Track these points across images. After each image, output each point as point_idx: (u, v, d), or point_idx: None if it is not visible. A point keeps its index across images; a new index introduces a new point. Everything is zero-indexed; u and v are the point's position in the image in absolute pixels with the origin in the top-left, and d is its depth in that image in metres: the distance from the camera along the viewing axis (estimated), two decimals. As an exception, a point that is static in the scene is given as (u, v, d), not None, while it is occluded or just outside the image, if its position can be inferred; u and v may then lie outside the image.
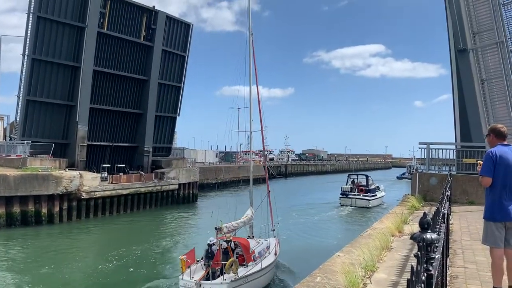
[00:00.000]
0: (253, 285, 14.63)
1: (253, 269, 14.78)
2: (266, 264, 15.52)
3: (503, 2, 22.57)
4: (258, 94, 21.62)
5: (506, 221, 5.24)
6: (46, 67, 32.89)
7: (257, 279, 14.90)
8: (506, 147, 5.43)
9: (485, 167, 5.39)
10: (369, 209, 39.27)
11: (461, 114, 22.53)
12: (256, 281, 14.80)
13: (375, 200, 41.94)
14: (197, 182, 44.20)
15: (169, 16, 41.37)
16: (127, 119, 39.70)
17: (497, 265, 5.27)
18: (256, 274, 14.74)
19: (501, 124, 5.85)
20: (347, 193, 42.12)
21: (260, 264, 15.17)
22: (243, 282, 14.02)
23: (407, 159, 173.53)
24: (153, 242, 24.41)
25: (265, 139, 22.58)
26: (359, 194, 41.47)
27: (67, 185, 29.17)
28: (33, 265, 19.40)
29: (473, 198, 16.64)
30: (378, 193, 43.68)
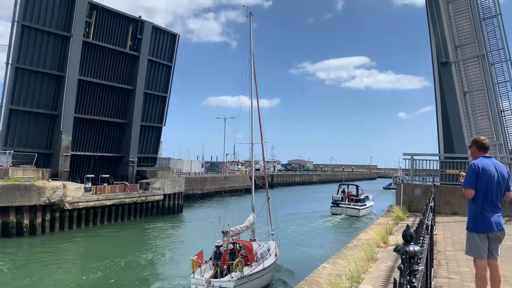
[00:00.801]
0: (256, 283, 16.28)
1: (257, 268, 16.48)
2: (268, 264, 17.15)
3: (483, 17, 23.15)
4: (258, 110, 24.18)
5: (488, 232, 5.31)
6: (30, 76, 32.52)
7: (260, 278, 16.57)
8: (488, 159, 5.52)
9: (468, 179, 5.47)
10: (359, 218, 40.28)
11: (444, 126, 22.89)
12: (259, 280, 16.47)
13: (364, 209, 43.13)
14: (183, 192, 43.89)
15: (155, 26, 41.36)
16: (112, 129, 39.36)
17: (481, 276, 5.33)
18: (259, 273, 16.43)
19: (484, 136, 5.96)
20: (338, 202, 43.37)
21: (263, 264, 16.87)
22: (248, 280, 15.70)
23: (392, 170, 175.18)
24: (137, 254, 24.10)
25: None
26: (349, 204, 42.76)
27: (50, 196, 28.71)
28: (14, 277, 18.98)
29: (457, 209, 16.83)
30: (367, 203, 45.02)
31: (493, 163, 5.49)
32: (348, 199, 43.66)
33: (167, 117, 44.53)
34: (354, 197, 44.28)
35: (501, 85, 23.23)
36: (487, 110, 21.87)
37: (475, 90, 22.49)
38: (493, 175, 5.36)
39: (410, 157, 19.35)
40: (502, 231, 5.37)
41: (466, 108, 22.46)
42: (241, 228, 18.66)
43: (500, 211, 5.39)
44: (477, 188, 5.39)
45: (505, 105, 23.24)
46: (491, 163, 5.46)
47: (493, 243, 5.35)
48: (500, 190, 5.38)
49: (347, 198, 43.90)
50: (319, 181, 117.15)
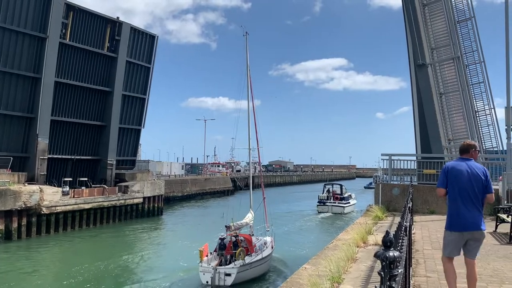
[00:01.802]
0: (256, 270, 18.88)
1: (256, 258, 18.90)
2: (265, 255, 19.71)
3: (458, 19, 23.71)
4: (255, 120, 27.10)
5: (463, 232, 5.43)
6: (5, 78, 31.78)
7: (259, 266, 19.13)
8: (462, 161, 5.61)
9: (439, 179, 5.69)
10: (344, 215, 43.23)
11: (421, 126, 23.32)
12: (258, 268, 19.07)
13: (348, 207, 46.25)
14: (163, 195, 43.55)
15: (133, 28, 40.96)
16: (89, 131, 38.79)
17: (448, 273, 5.47)
18: (258, 262, 18.92)
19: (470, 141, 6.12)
20: (324, 201, 46.23)
21: (261, 255, 19.37)
22: (248, 267, 18.22)
23: (370, 170, 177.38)
24: (117, 258, 23.82)
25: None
26: (334, 202, 45.74)
27: (26, 200, 28.11)
28: (-11, 285, 18.52)
29: (434, 208, 17.16)
30: (351, 201, 48.25)
31: (466, 163, 5.54)
32: (333, 198, 46.41)
33: (146, 119, 44.20)
34: (339, 195, 47.17)
35: (475, 86, 23.83)
36: (462, 111, 22.39)
37: (450, 92, 23.00)
38: (463, 175, 5.43)
39: (388, 157, 19.64)
40: (479, 231, 5.38)
41: (442, 109, 22.94)
42: (241, 223, 20.72)
43: (477, 211, 5.39)
44: (449, 188, 5.53)
45: (479, 105, 23.85)
46: (463, 164, 5.54)
47: (471, 243, 5.41)
48: (473, 190, 5.38)
49: (332, 197, 46.66)
50: (300, 182, 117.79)
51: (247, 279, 18.25)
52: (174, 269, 21.33)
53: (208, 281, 17.32)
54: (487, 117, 23.55)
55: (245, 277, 18.10)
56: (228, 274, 17.41)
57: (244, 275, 18.03)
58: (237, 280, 17.48)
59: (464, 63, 23.25)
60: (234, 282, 17.37)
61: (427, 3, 23.71)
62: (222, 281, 17.26)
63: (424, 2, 23.75)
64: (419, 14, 23.43)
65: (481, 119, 23.70)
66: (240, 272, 17.62)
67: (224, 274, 17.38)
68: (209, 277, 17.30)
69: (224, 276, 17.35)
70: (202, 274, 17.55)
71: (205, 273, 17.43)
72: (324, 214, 43.74)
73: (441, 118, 22.64)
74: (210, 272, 17.30)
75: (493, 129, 23.43)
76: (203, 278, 17.48)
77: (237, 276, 17.46)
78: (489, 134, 23.54)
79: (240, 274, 17.61)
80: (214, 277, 17.17)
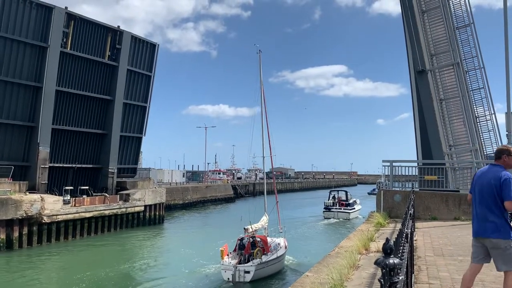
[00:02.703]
0: (271, 268, 20.84)
1: (271, 257, 20.93)
2: (280, 254, 21.73)
3: (457, 26, 23.79)
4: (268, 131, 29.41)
5: (475, 237, 5.36)
6: (6, 87, 31.88)
7: (274, 264, 21.09)
8: (490, 167, 5.43)
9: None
10: (349, 221, 44.21)
11: (421, 132, 23.33)
12: (273, 266, 21.00)
13: (353, 212, 47.35)
14: (164, 203, 43.46)
15: (134, 36, 41.14)
16: (90, 139, 38.82)
17: (463, 280, 5.42)
18: (273, 260, 20.93)
19: (506, 144, 6.04)
20: (330, 207, 47.54)
21: (276, 254, 21.42)
22: (265, 265, 20.12)
23: (372, 176, 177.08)
24: (119, 266, 23.76)
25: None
26: (340, 208, 47.04)
27: (28, 209, 28.08)
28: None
29: (436, 214, 17.11)
30: (356, 207, 49.33)
31: (489, 169, 5.38)
32: (339, 204, 47.88)
33: (147, 127, 44.25)
34: (344, 201, 48.58)
35: (475, 92, 23.85)
36: (462, 117, 22.39)
37: (450, 98, 23.02)
38: (480, 181, 5.37)
39: (389, 163, 19.62)
40: (488, 239, 5.16)
41: (442, 115, 22.95)
42: (258, 226, 22.72)
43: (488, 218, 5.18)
44: (473, 194, 5.51)
45: (480, 111, 23.85)
46: (488, 170, 5.38)
47: (491, 251, 5.18)
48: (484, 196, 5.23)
49: (337, 203, 48.07)
50: (301, 189, 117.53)
51: (264, 276, 20.24)
52: (177, 274, 21.37)
53: (229, 277, 19.22)
54: (487, 122, 23.55)
55: (262, 274, 20.09)
56: (247, 272, 19.33)
57: (261, 273, 20.00)
58: (255, 277, 19.40)
59: (464, 69, 23.30)
60: (252, 278, 19.27)
61: (426, 9, 23.82)
62: (242, 277, 19.16)
63: (423, 8, 23.86)
64: (418, 20, 23.53)
65: (481, 124, 23.69)
66: (258, 270, 19.56)
67: (243, 272, 19.28)
68: (230, 274, 19.18)
69: (244, 273, 19.26)
70: (223, 272, 19.50)
71: (226, 271, 19.36)
72: (330, 220, 45.02)
73: (442, 124, 22.64)
74: (231, 270, 19.21)
75: (494, 134, 23.43)
76: (225, 275, 19.40)
77: (255, 273, 19.37)
78: (490, 139, 23.53)
79: (257, 271, 19.55)
80: (235, 274, 19.08)
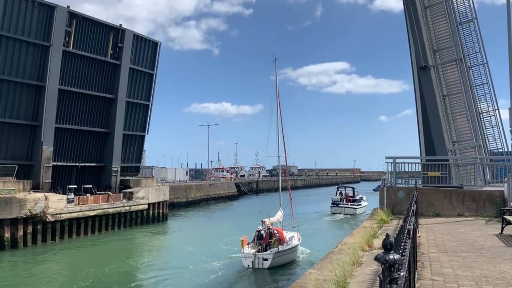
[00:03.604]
0: (287, 257, 22.92)
1: (287, 247, 23.02)
2: (294, 245, 23.75)
3: (460, 21, 23.68)
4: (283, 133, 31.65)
5: None
6: (10, 86, 31.97)
7: (289, 254, 23.21)
8: None
9: None
10: (356, 216, 45.88)
11: (424, 128, 23.26)
12: (289, 255, 23.11)
13: (360, 208, 49.31)
14: (167, 201, 43.56)
15: (136, 34, 41.14)
16: (94, 138, 38.90)
17: None
18: (288, 250, 23.03)
19: None
20: (337, 203, 49.73)
21: (291, 244, 23.47)
22: (281, 254, 22.32)
23: (375, 173, 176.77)
24: (123, 264, 23.83)
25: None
26: (347, 204, 49.14)
27: (32, 208, 28.19)
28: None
29: (439, 210, 17.07)
30: (362, 203, 51.17)
31: None
32: (346, 200, 49.80)
33: (150, 125, 44.31)
34: (351, 198, 50.53)
35: (479, 88, 23.77)
36: (466, 113, 22.31)
37: (453, 93, 22.93)
38: None
39: (392, 160, 19.56)
40: None
41: (445, 111, 22.87)
42: (274, 219, 24.98)
43: None
44: None
45: (483, 107, 23.77)
46: None
47: None
48: None
49: (344, 199, 49.97)
50: (304, 186, 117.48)
51: (280, 264, 22.26)
52: (182, 270, 21.45)
53: (249, 264, 21.43)
54: (491, 118, 23.47)
55: (278, 262, 22.11)
56: (266, 259, 21.55)
57: (278, 261, 22.06)
58: (272, 264, 21.53)
59: (467, 64, 23.21)
60: (270, 265, 21.44)
61: (429, 5, 23.70)
62: (261, 264, 21.36)
63: (425, 4, 23.75)
64: (420, 16, 23.43)
65: (485, 120, 23.61)
66: (275, 258, 21.76)
67: (262, 259, 21.50)
68: (250, 262, 21.41)
69: (262, 260, 21.48)
70: (243, 259, 21.79)
71: (247, 258, 21.62)
72: (337, 215, 47.01)
73: (445, 120, 22.56)
74: (251, 258, 21.47)
75: (497, 130, 23.35)
76: (245, 262, 21.65)
77: (272, 261, 21.54)
78: (493, 135, 23.45)
79: (275, 259, 21.73)
80: (254, 261, 21.30)
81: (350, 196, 51.31)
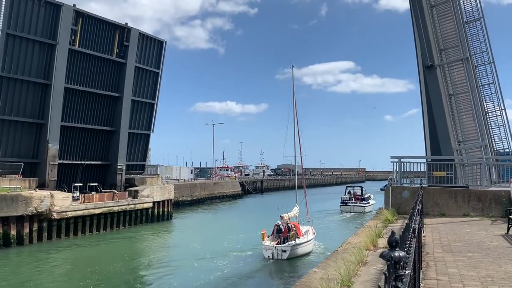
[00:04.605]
0: (303, 249, 24.96)
1: (303, 239, 25.22)
2: (310, 238, 26.04)
3: (466, 20, 23.54)
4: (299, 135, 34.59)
5: None
6: (16, 85, 32.14)
7: (305, 246, 25.28)
8: None
9: None
10: (364, 214, 47.01)
11: (430, 128, 23.15)
12: (305, 247, 25.17)
13: (368, 206, 50.90)
14: (172, 199, 43.64)
15: (142, 33, 41.21)
16: (99, 136, 39.04)
17: None
18: (305, 243, 25.18)
19: None
20: (346, 201, 51.50)
21: (307, 238, 25.69)
22: (298, 246, 24.42)
23: (380, 172, 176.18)
24: (127, 262, 23.93)
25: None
26: (356, 202, 51.04)
27: (37, 206, 28.33)
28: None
29: (444, 210, 17.00)
30: (370, 201, 52.92)
31: None
32: (355, 199, 51.74)
33: (155, 124, 44.40)
34: (360, 196, 52.50)
35: (485, 87, 23.62)
36: (472, 112, 22.17)
37: (460, 93, 22.79)
38: None
39: (398, 159, 19.49)
40: None
41: (451, 110, 22.74)
42: (291, 214, 27.32)
43: None
44: None
45: (489, 106, 23.62)
46: None
47: None
48: None
49: (353, 198, 51.91)
50: (309, 185, 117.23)
51: (297, 255, 24.23)
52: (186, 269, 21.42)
53: (269, 255, 23.43)
54: (497, 118, 23.33)
55: (296, 253, 24.15)
56: (284, 251, 23.57)
57: (295, 252, 24.11)
58: (290, 256, 23.63)
59: (473, 64, 23.07)
60: (288, 257, 23.51)
61: (435, 4, 23.58)
62: (280, 255, 23.37)
63: (432, 3, 23.62)
64: (427, 15, 23.30)
65: (491, 120, 23.47)
66: (293, 250, 23.85)
67: (281, 251, 23.51)
68: (270, 253, 23.46)
69: (281, 252, 23.48)
70: (264, 251, 23.86)
71: (267, 250, 23.68)
72: (346, 213, 48.51)
73: (451, 120, 22.44)
74: (271, 249, 23.53)
75: (504, 130, 23.20)
76: (265, 253, 23.72)
77: (290, 253, 23.64)
78: (500, 135, 23.31)
79: (292, 251, 23.79)
80: (274, 253, 23.37)
81: (359, 195, 53.02)
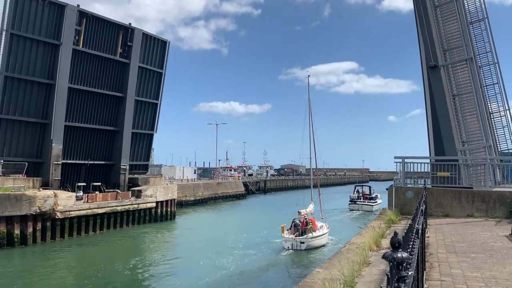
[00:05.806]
0: (319, 242, 27.64)
1: (319, 233, 28.03)
2: (324, 232, 28.80)
3: (471, 20, 23.44)
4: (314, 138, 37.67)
5: None
6: (20, 84, 32.29)
7: (321, 239, 28.09)
8: None
9: None
10: (373, 212, 48.26)
11: (434, 128, 23.06)
12: (320, 240, 27.90)
13: (376, 205, 52.30)
14: (175, 199, 43.67)
15: (145, 33, 41.29)
16: (103, 136, 39.14)
17: None
18: (320, 236, 27.93)
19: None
20: (355, 200, 53.92)
21: (322, 231, 28.50)
22: (315, 239, 27.17)
23: (384, 173, 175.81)
24: (131, 261, 23.93)
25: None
26: (364, 201, 53.15)
27: (41, 205, 28.42)
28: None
29: (448, 211, 16.94)
30: (378, 200, 54.20)
31: None
32: (363, 198, 53.94)
33: (158, 123, 44.45)
34: (368, 195, 54.58)
35: (489, 88, 23.50)
36: (476, 113, 22.06)
37: (464, 93, 22.69)
38: None
39: (401, 160, 19.44)
40: None
41: (455, 111, 22.64)
42: (307, 210, 30.01)
43: None
44: None
45: (494, 107, 23.50)
46: None
47: None
48: None
49: (362, 197, 54.18)
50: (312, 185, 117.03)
51: (313, 247, 26.80)
52: (190, 268, 21.42)
53: (289, 246, 26.30)
54: (502, 118, 23.20)
55: (312, 245, 26.87)
56: (302, 242, 26.35)
57: (312, 244, 26.83)
58: (308, 247, 26.40)
59: (477, 64, 22.96)
60: (306, 248, 26.29)
61: (439, 4, 23.48)
62: (298, 246, 26.19)
63: (436, 3, 23.52)
64: (430, 15, 23.21)
65: (495, 120, 23.35)
66: (310, 242, 26.59)
67: (299, 242, 26.31)
68: (290, 244, 26.31)
69: (300, 243, 26.29)
70: (284, 242, 26.67)
71: (287, 241, 26.51)
72: (355, 211, 50.78)
73: (455, 120, 22.34)
74: (291, 241, 26.36)
75: (508, 130, 23.09)
76: (285, 245, 26.56)
77: (308, 244, 26.46)
78: (504, 136, 23.19)
79: (309, 243, 26.56)
80: (293, 244, 26.24)
81: (367, 194, 55.06)
